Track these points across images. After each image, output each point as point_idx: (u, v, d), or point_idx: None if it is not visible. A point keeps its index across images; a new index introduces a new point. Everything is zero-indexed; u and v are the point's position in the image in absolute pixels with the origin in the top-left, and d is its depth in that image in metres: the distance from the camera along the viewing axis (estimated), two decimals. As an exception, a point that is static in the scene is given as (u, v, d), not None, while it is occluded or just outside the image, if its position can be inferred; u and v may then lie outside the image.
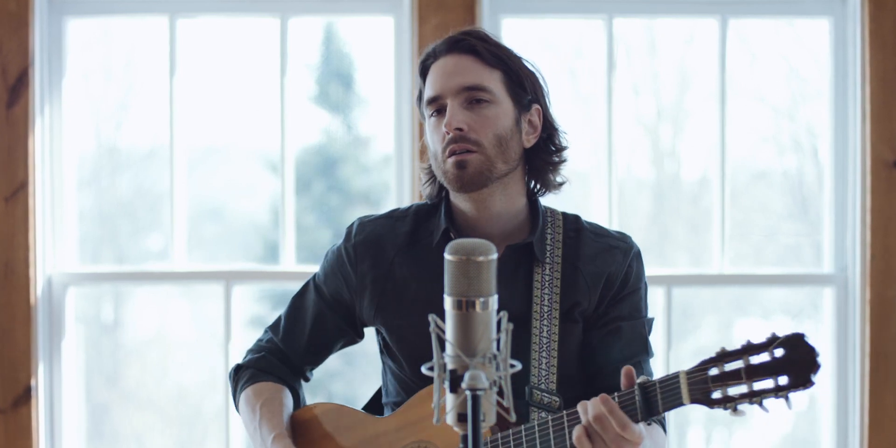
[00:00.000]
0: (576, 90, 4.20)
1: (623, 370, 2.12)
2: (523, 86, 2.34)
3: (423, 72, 2.37)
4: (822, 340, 4.11)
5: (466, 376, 1.64)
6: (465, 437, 1.65)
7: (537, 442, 2.16)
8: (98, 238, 4.16)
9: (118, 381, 4.27)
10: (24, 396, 3.89)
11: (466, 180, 2.28)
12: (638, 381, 2.09)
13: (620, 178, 4.10)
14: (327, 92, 4.23)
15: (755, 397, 1.99)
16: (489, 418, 1.68)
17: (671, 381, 2.06)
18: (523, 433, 2.19)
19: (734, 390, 2.00)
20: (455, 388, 1.67)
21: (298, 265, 4.03)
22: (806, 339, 1.98)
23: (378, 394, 2.57)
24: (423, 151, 2.47)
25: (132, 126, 4.20)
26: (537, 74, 2.38)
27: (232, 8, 4.07)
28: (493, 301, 1.70)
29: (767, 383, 1.98)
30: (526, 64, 2.37)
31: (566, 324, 2.36)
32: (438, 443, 2.28)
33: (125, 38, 4.16)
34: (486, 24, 3.89)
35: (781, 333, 1.99)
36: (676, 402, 2.05)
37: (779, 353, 1.98)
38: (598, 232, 2.44)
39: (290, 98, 4.03)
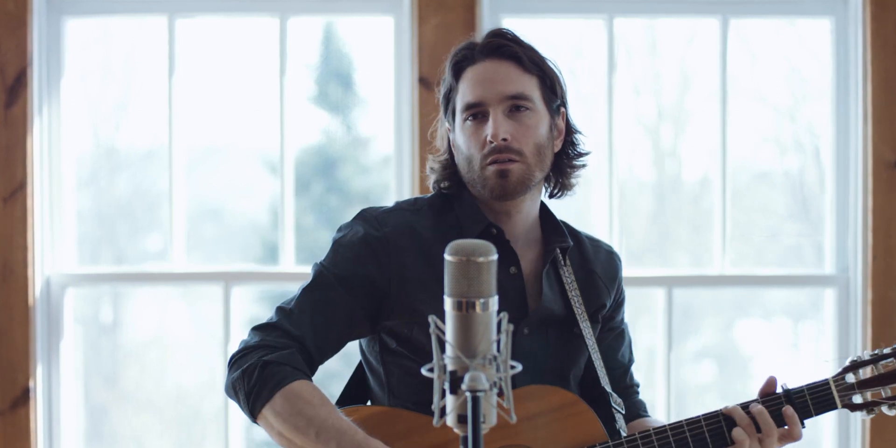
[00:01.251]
0: (576, 90, 4.19)
1: (767, 379, 2.28)
2: (555, 90, 2.35)
3: (457, 72, 2.33)
4: (823, 342, 4.10)
5: (466, 378, 1.63)
6: (465, 439, 1.65)
7: (673, 446, 2.24)
8: (97, 239, 4.15)
9: (117, 383, 4.26)
10: (23, 398, 3.88)
11: (510, 190, 2.27)
12: (779, 389, 2.27)
13: (621, 179, 4.09)
14: (327, 92, 4.22)
15: (892, 400, 2.25)
16: (489, 420, 1.67)
17: (822, 387, 2.26)
18: (654, 438, 2.24)
19: (872, 394, 2.25)
20: (455, 389, 1.65)
21: (298, 266, 4.01)
22: None
23: (346, 394, 2.46)
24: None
25: (131, 126, 4.19)
26: (560, 75, 2.37)
27: (231, 8, 4.06)
28: (494, 302, 1.69)
29: None
30: (551, 65, 2.36)
31: (594, 325, 2.41)
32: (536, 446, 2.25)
33: (124, 38, 4.15)
34: (485, 23, 3.88)
35: None
36: (830, 407, 2.26)
37: None
38: (591, 238, 2.49)
39: (289, 98, 4.02)
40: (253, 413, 2.23)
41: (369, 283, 2.29)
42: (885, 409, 2.25)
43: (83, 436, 4.13)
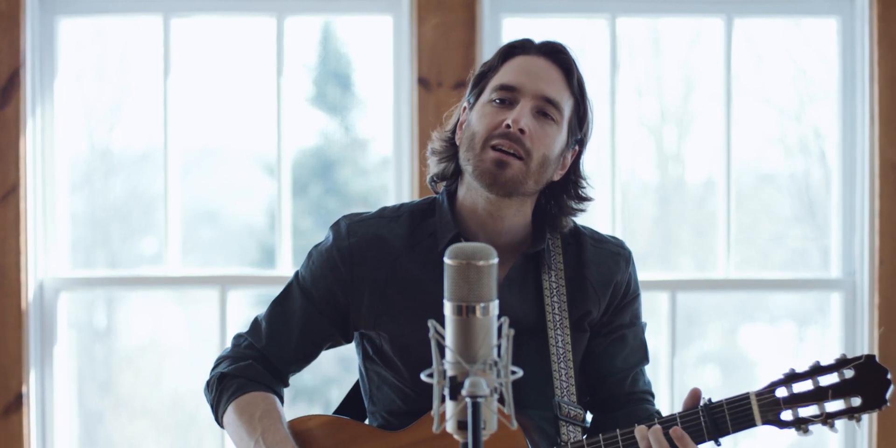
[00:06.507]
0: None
1: (691, 391, 2.19)
2: (581, 124, 2.34)
3: (506, 55, 2.33)
4: (829, 346, 4.09)
5: (466, 383, 1.61)
6: (465, 445, 1.63)
7: None
8: (90, 242, 4.15)
9: (111, 388, 4.26)
10: (16, 403, 3.86)
11: (501, 182, 2.24)
12: (701, 402, 2.17)
13: (624, 181, 4.08)
14: (325, 93, 4.23)
15: (828, 419, 2.09)
16: (490, 426, 1.65)
17: (741, 402, 2.15)
18: None
19: (805, 411, 2.09)
20: (455, 395, 1.64)
21: (295, 269, 3.98)
22: (876, 359, 2.09)
23: (348, 401, 2.50)
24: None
25: (125, 128, 4.20)
26: (592, 116, 2.37)
27: (227, 7, 4.06)
28: (494, 306, 1.67)
29: (839, 404, 2.10)
30: (590, 102, 2.36)
31: (576, 333, 2.36)
32: None
33: (118, 38, 4.15)
34: (486, 23, 3.88)
35: (850, 355, 2.11)
36: (748, 424, 2.14)
37: (849, 374, 2.10)
38: (596, 237, 2.44)
39: (286, 99, 4.01)
40: (218, 422, 2.38)
41: (331, 296, 2.35)
42: (814, 426, 2.09)
43: (77, 442, 4.12)
